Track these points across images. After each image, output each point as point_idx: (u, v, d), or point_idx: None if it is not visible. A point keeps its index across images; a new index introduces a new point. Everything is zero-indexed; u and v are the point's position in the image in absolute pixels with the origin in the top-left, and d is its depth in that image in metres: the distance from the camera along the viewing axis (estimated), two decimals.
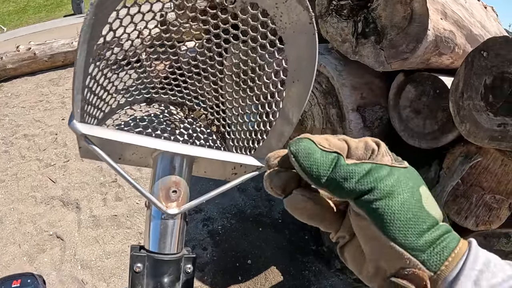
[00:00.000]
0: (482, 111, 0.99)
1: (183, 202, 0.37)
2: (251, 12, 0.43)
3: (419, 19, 1.02)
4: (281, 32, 0.42)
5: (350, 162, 0.27)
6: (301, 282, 1.62)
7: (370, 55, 1.14)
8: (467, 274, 0.24)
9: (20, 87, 3.88)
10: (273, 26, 0.43)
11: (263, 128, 0.47)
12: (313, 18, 0.40)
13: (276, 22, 0.42)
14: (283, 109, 0.45)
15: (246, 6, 0.43)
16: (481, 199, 1.16)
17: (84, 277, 1.64)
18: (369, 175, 0.26)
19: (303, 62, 0.42)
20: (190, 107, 0.58)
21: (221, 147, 0.55)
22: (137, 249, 0.37)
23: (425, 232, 0.25)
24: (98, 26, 0.36)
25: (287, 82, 0.44)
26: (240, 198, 2.09)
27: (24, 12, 9.05)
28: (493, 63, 0.95)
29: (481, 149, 1.11)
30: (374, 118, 1.28)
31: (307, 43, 0.41)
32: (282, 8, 0.41)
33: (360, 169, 0.26)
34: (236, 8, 0.44)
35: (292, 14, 0.40)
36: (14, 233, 1.90)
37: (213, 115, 0.57)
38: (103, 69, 0.43)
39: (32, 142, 2.78)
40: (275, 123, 0.46)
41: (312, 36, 0.40)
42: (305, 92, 0.42)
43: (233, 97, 0.52)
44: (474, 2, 1.41)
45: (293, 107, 0.44)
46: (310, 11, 0.39)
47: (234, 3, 0.43)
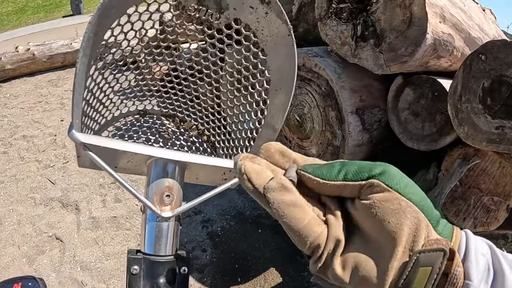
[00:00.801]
0: (480, 114, 1.00)
1: (176, 205, 0.39)
2: (235, 27, 0.46)
3: (418, 23, 1.03)
4: (263, 44, 0.46)
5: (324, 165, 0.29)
6: (300, 283, 1.62)
7: (369, 58, 1.15)
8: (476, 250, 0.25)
9: (19, 88, 3.88)
10: (255, 39, 0.46)
11: (250, 135, 0.50)
12: (291, 30, 0.43)
13: (258, 35, 0.45)
14: (267, 116, 0.48)
15: (230, 21, 0.46)
16: (479, 201, 1.17)
17: (84, 279, 1.64)
18: (365, 164, 0.28)
19: (284, 71, 0.45)
20: (181, 118, 0.61)
21: (212, 155, 0.58)
22: (133, 252, 0.38)
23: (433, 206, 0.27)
24: (97, 43, 0.38)
25: (271, 90, 0.47)
26: (239, 200, 2.09)
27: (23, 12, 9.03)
28: (491, 66, 0.96)
29: (479, 151, 1.12)
30: (373, 121, 1.28)
31: (287, 53, 0.44)
32: (263, 22, 0.44)
33: (351, 164, 0.28)
34: (221, 24, 0.47)
35: (272, 27, 0.44)
36: (13, 234, 1.90)
37: (204, 125, 0.60)
38: (99, 83, 0.45)
39: (31, 143, 2.78)
40: (261, 130, 0.48)
41: (291, 47, 0.43)
42: (287, 99, 0.45)
43: (228, 105, 0.55)
44: (473, 5, 1.42)
45: (277, 115, 0.47)
46: (289, 24, 0.43)
47: (219, 19, 0.46)
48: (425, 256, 0.24)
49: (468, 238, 0.26)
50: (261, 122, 0.48)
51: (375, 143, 1.31)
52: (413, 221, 0.25)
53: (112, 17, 0.39)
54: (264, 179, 0.28)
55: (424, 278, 0.24)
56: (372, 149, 1.32)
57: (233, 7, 0.44)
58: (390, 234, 0.25)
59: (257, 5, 0.43)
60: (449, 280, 0.24)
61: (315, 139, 1.34)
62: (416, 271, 0.24)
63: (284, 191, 0.28)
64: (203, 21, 0.48)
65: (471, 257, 0.25)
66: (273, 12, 0.42)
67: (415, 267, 0.24)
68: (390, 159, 1.31)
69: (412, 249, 0.25)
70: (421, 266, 0.24)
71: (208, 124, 0.59)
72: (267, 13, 0.43)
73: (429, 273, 0.24)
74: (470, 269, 0.24)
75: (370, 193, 0.26)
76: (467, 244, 0.26)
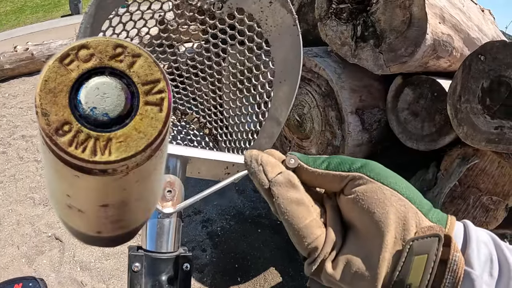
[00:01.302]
0: (480, 114, 1.00)
1: (178, 201, 0.38)
2: (238, 17, 0.45)
3: (417, 23, 1.03)
4: (267, 35, 0.44)
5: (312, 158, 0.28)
6: (300, 283, 1.62)
7: (369, 59, 1.16)
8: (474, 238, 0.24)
9: (17, 88, 3.87)
10: (259, 30, 0.45)
11: (253, 128, 0.49)
12: (297, 20, 0.42)
13: (262, 25, 0.44)
14: (271, 109, 0.47)
15: (233, 11, 0.45)
16: (478, 201, 1.17)
17: (84, 279, 1.64)
18: (348, 158, 0.28)
19: (289, 62, 0.44)
20: (182, 111, 0.59)
21: (214, 148, 0.57)
22: (134, 249, 0.38)
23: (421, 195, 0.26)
24: (94, 34, 0.38)
25: (275, 82, 0.46)
26: (239, 200, 2.09)
27: (22, 12, 9.00)
28: (490, 67, 0.97)
29: (478, 151, 1.13)
30: (373, 121, 1.29)
31: (292, 44, 0.43)
32: (267, 12, 0.43)
33: (335, 158, 0.28)
34: (223, 13, 0.46)
35: (277, 17, 0.42)
36: (12, 234, 1.89)
37: (205, 118, 0.59)
38: None
39: (30, 143, 2.78)
40: (265, 123, 0.47)
41: (297, 37, 0.42)
42: (292, 91, 0.44)
43: (230, 97, 0.54)
44: (472, 5, 1.43)
45: (281, 107, 0.46)
46: (294, 14, 0.42)
47: (222, 8, 0.45)
48: (418, 243, 0.23)
49: (468, 227, 0.25)
50: (264, 115, 0.47)
51: (374, 143, 1.32)
52: (399, 209, 0.24)
53: (109, 7, 0.38)
54: (276, 173, 0.28)
55: (420, 268, 0.23)
56: (371, 149, 1.33)
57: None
58: (377, 224, 0.25)
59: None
60: (448, 267, 0.22)
61: (315, 139, 1.34)
62: (411, 261, 0.23)
63: (290, 187, 0.27)
64: (205, 10, 0.47)
65: (472, 245, 0.24)
66: (277, 1, 0.41)
67: (410, 256, 0.23)
68: (390, 159, 1.31)
69: (404, 238, 0.24)
70: (416, 254, 0.23)
71: (210, 117, 0.58)
72: (271, 2, 0.42)
73: (425, 261, 0.23)
74: (471, 258, 0.23)
75: (353, 186, 0.26)
76: (467, 233, 0.25)
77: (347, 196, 0.26)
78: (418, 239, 0.23)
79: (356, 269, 0.25)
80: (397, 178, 0.26)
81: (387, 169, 0.27)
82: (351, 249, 0.26)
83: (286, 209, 0.27)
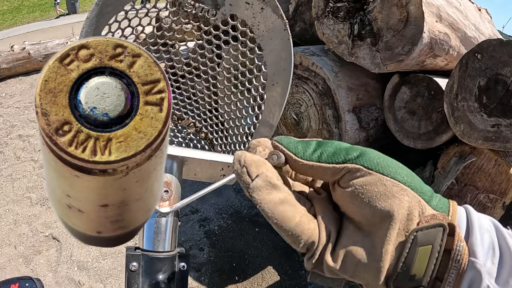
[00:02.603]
0: (476, 112, 1.00)
1: (175, 201, 0.39)
2: (231, 23, 0.47)
3: (414, 22, 1.03)
4: (260, 39, 0.46)
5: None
6: (297, 281, 1.62)
7: (366, 57, 1.16)
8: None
9: (14, 87, 3.86)
10: (252, 35, 0.46)
11: (247, 131, 0.50)
12: (287, 24, 0.44)
13: (254, 31, 0.46)
14: (265, 111, 0.48)
15: (227, 18, 0.47)
16: (475, 199, 1.18)
17: (81, 278, 1.63)
18: (343, 146, 0.26)
19: (281, 65, 0.45)
20: (179, 116, 0.61)
21: (210, 151, 0.58)
22: (132, 249, 0.38)
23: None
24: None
25: (267, 85, 0.48)
26: (236, 199, 2.09)
27: (18, 11, 8.97)
28: (487, 65, 0.97)
29: (475, 149, 1.13)
30: (370, 119, 1.29)
31: (283, 47, 0.45)
32: (259, 18, 0.45)
33: (330, 143, 0.26)
34: (217, 20, 0.47)
35: (268, 22, 0.44)
36: (9, 234, 1.89)
37: (201, 122, 0.60)
38: None
39: (27, 142, 2.77)
40: (258, 125, 0.49)
41: (287, 41, 0.44)
42: (283, 94, 0.45)
43: (225, 101, 0.55)
44: (469, 4, 1.43)
45: (274, 110, 0.47)
46: (284, 19, 0.43)
47: (216, 15, 0.47)
48: (423, 234, 0.23)
49: (470, 213, 0.24)
50: (258, 117, 0.48)
51: (371, 142, 1.32)
52: (402, 200, 0.24)
53: (110, 13, 0.39)
54: (261, 171, 0.26)
55: (425, 258, 0.22)
56: (368, 147, 1.33)
57: (229, 3, 0.45)
58: (380, 217, 0.24)
59: (253, 1, 0.43)
60: (452, 257, 0.22)
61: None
62: (415, 252, 0.22)
63: (271, 189, 0.25)
64: (199, 17, 0.48)
65: (475, 233, 0.23)
66: (268, 7, 0.43)
67: (414, 247, 0.23)
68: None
69: (407, 228, 0.23)
70: (420, 245, 0.22)
71: (205, 121, 0.59)
72: (262, 8, 0.43)
73: (429, 252, 0.22)
74: (474, 246, 0.22)
75: (350, 179, 0.25)
76: (470, 219, 0.24)
77: (345, 189, 0.25)
78: (423, 229, 0.23)
79: (359, 261, 0.24)
80: (397, 166, 0.25)
81: (386, 157, 0.25)
82: (352, 240, 0.25)
83: (273, 213, 0.25)
